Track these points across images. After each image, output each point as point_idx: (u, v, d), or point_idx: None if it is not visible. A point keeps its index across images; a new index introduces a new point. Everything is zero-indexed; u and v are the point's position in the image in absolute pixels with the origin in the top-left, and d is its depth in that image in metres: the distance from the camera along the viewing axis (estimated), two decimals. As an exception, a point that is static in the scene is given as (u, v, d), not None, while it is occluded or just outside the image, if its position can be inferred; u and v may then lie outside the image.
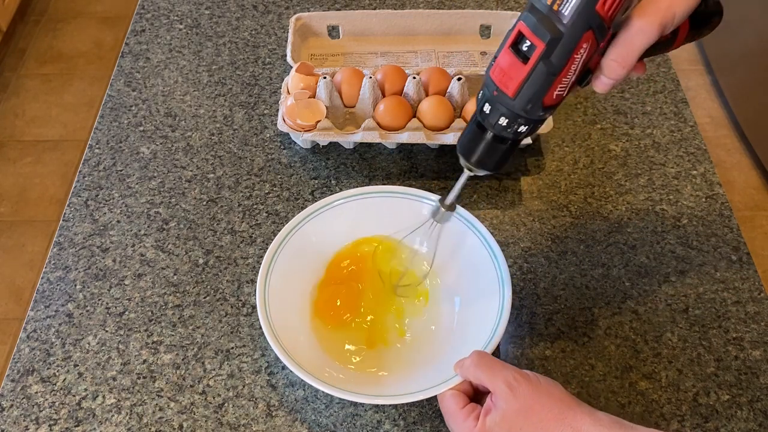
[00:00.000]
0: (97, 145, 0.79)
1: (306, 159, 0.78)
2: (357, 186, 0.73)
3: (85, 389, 0.60)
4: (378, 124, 0.75)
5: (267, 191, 0.75)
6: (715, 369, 0.62)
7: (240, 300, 0.66)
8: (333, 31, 0.90)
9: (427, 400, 0.58)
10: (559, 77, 0.45)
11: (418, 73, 0.78)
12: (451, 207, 0.58)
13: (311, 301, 0.64)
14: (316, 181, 0.76)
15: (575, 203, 0.74)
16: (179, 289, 0.67)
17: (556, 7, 0.42)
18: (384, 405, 0.59)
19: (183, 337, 0.63)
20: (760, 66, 1.73)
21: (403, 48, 0.90)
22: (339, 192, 0.68)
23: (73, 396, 0.60)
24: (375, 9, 0.95)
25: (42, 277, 0.68)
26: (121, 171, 0.77)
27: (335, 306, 0.63)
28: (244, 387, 0.60)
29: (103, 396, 0.60)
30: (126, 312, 0.65)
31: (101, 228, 0.72)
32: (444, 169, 0.77)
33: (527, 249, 0.70)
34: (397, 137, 0.74)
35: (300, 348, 0.59)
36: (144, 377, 0.61)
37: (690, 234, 0.72)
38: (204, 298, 0.66)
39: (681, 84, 0.86)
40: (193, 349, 0.63)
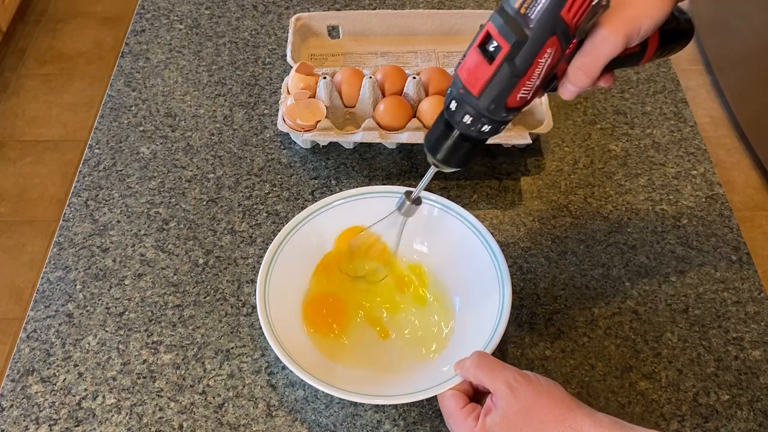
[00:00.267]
0: (97, 145, 0.79)
1: (306, 159, 0.78)
2: (357, 186, 0.73)
3: (85, 389, 0.60)
4: (378, 124, 0.75)
5: (267, 191, 0.75)
6: (715, 369, 0.62)
7: (240, 300, 0.66)
8: (333, 31, 0.90)
9: (427, 400, 0.58)
10: (523, 80, 0.45)
11: (418, 73, 0.78)
12: (417, 201, 0.59)
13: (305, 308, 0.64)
14: (316, 181, 0.76)
15: (575, 203, 0.74)
16: (179, 289, 0.67)
17: (523, 11, 0.43)
18: (384, 405, 0.59)
19: (183, 337, 0.63)
20: (760, 66, 1.73)
21: (403, 48, 0.90)
22: (339, 192, 0.68)
23: (73, 396, 0.60)
24: (375, 9, 0.95)
25: (42, 277, 0.68)
26: (121, 171, 0.77)
27: (323, 317, 0.63)
28: (244, 387, 0.60)
29: (103, 396, 0.60)
30: (126, 312, 0.65)
31: (101, 228, 0.72)
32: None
33: (527, 249, 0.70)
34: (397, 137, 0.74)
35: (300, 348, 0.59)
36: (144, 377, 0.61)
37: (690, 234, 0.72)
38: (204, 298, 0.66)
39: (681, 84, 0.86)
40: (193, 349, 0.63)
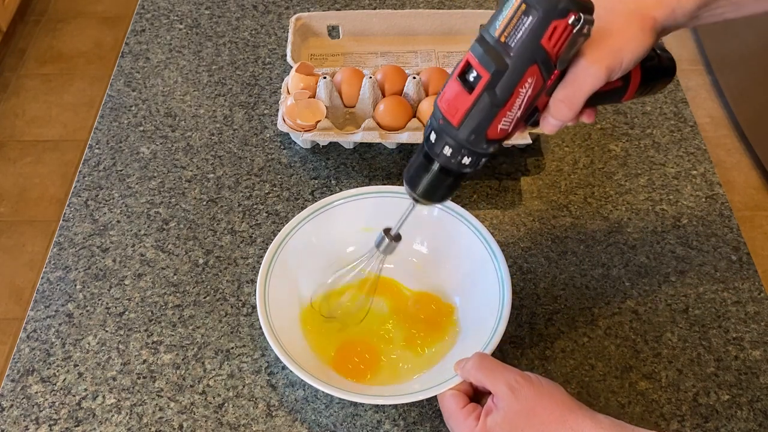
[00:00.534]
0: (97, 145, 0.79)
1: (306, 159, 0.78)
2: (357, 186, 0.73)
3: (85, 389, 0.60)
4: (378, 124, 0.76)
5: (267, 191, 0.75)
6: (715, 369, 0.62)
7: (240, 300, 0.66)
8: (333, 31, 0.90)
9: (427, 400, 0.57)
10: (503, 110, 0.45)
11: (418, 73, 0.78)
12: (397, 238, 0.58)
13: (312, 303, 0.64)
14: (316, 181, 0.76)
15: (575, 203, 0.74)
16: (179, 289, 0.67)
17: (503, 39, 0.43)
18: (384, 405, 0.59)
19: (183, 337, 0.63)
20: (760, 66, 1.73)
21: (403, 48, 0.90)
22: (339, 192, 0.68)
23: (73, 396, 0.60)
24: (375, 9, 0.95)
25: (42, 277, 0.68)
26: (121, 171, 0.77)
27: (356, 364, 0.61)
28: (244, 387, 0.60)
29: (103, 396, 0.60)
30: (126, 312, 0.65)
31: (101, 228, 0.72)
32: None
33: (527, 249, 0.70)
34: (397, 137, 0.74)
35: (300, 348, 0.59)
36: (144, 377, 0.61)
37: (690, 234, 0.72)
38: (204, 298, 0.66)
39: (681, 84, 0.86)
40: (193, 349, 0.63)
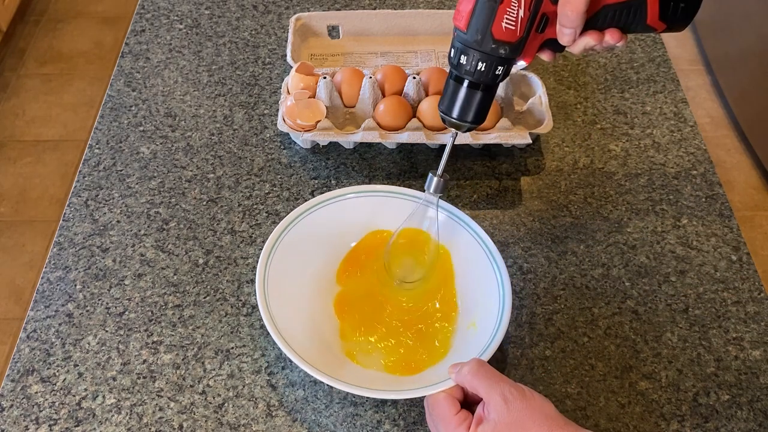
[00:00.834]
0: (97, 145, 0.79)
1: (306, 159, 0.78)
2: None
3: (85, 389, 0.60)
4: (378, 124, 0.75)
5: (267, 191, 0.75)
6: (715, 369, 0.62)
7: (240, 300, 0.66)
8: (333, 31, 0.90)
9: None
10: (503, 5, 0.49)
11: (418, 73, 0.78)
12: (443, 175, 0.60)
13: (312, 290, 0.64)
14: (316, 181, 0.76)
15: (575, 203, 0.74)
16: (179, 289, 0.67)
17: None
18: (384, 405, 0.59)
19: (183, 337, 0.63)
20: (760, 66, 1.73)
21: (403, 48, 0.90)
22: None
23: (73, 396, 0.60)
24: (375, 9, 0.95)
25: (42, 277, 0.68)
26: (121, 171, 0.77)
27: (356, 318, 0.63)
28: (244, 387, 0.60)
29: (103, 396, 0.60)
30: (126, 312, 0.65)
31: (101, 228, 0.72)
32: (444, 169, 0.77)
33: (527, 249, 0.70)
34: (397, 137, 0.74)
35: (300, 338, 0.59)
36: (144, 377, 0.61)
37: (690, 234, 0.72)
38: (204, 298, 0.66)
39: (681, 84, 0.86)
40: (193, 349, 0.63)
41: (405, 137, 0.74)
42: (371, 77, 0.76)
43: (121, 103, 0.83)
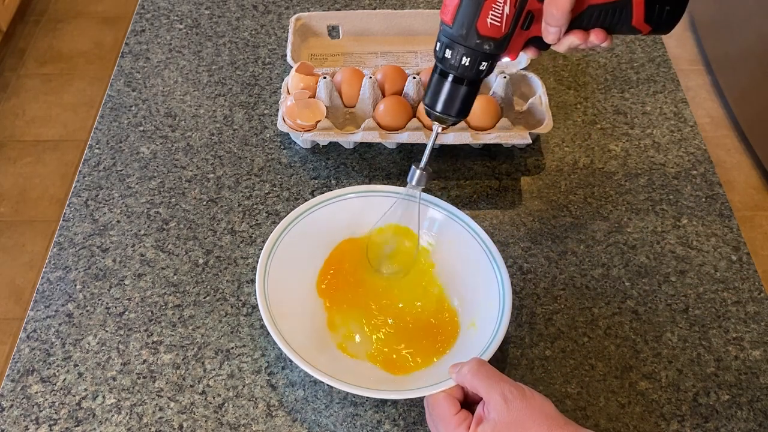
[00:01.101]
0: (97, 145, 0.79)
1: (306, 159, 0.78)
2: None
3: (85, 389, 0.60)
4: (378, 124, 0.76)
5: (267, 191, 0.75)
6: (715, 369, 0.62)
7: (240, 300, 0.66)
8: (333, 31, 0.90)
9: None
10: (489, 1, 0.49)
11: (418, 73, 0.78)
12: (426, 168, 0.60)
13: (311, 289, 0.64)
14: (316, 181, 0.76)
15: (575, 203, 0.74)
16: (179, 289, 0.67)
17: None
18: (384, 405, 0.59)
19: (183, 337, 0.63)
20: (760, 66, 1.73)
21: (403, 48, 0.90)
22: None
23: (73, 396, 0.60)
24: (375, 9, 0.95)
25: (42, 277, 0.68)
26: (121, 171, 0.77)
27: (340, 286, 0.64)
28: (244, 387, 0.60)
29: (103, 396, 0.60)
30: (126, 312, 0.65)
31: (101, 228, 0.72)
32: (444, 169, 0.77)
33: (527, 249, 0.70)
34: (397, 137, 0.74)
35: (300, 338, 0.59)
36: (144, 377, 0.61)
37: (690, 234, 0.72)
38: (204, 298, 0.66)
39: (681, 84, 0.86)
40: (193, 349, 0.63)
41: (405, 137, 0.74)
42: (371, 77, 0.76)
43: (121, 103, 0.83)
